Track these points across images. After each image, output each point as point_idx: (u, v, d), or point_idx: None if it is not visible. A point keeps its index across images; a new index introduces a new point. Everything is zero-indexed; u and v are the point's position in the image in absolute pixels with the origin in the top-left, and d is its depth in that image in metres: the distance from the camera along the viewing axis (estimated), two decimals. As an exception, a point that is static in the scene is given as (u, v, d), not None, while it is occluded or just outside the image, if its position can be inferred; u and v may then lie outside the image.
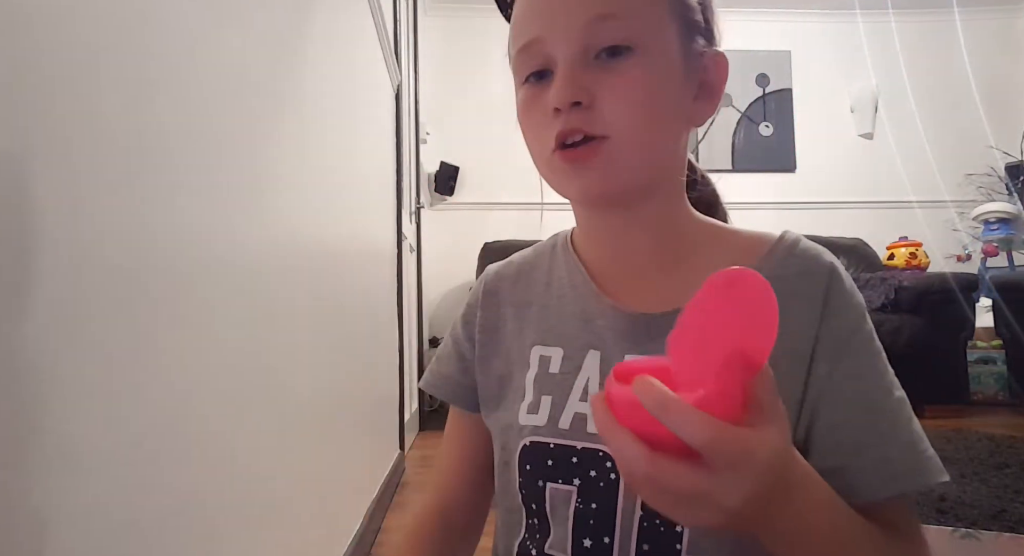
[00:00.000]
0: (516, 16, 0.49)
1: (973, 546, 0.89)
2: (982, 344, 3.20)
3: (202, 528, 0.64)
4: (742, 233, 0.53)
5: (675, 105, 0.48)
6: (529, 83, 0.48)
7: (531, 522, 0.50)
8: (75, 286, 0.45)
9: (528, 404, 0.51)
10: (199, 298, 0.65)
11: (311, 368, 1.12)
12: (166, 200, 0.58)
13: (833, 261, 0.49)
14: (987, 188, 3.84)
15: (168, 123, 0.59)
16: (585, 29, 0.44)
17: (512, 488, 0.51)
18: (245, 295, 0.79)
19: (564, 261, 0.57)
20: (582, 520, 0.47)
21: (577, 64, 0.45)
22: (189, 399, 0.62)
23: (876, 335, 0.48)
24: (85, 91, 0.46)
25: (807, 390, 0.46)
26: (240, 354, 0.77)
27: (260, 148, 0.87)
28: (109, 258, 0.49)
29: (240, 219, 0.78)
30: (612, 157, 0.45)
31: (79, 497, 0.45)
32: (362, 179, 1.72)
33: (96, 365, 0.47)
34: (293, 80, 1.06)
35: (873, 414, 0.45)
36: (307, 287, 1.10)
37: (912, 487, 0.44)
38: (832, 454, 0.45)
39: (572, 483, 0.47)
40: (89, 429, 0.46)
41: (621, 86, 0.44)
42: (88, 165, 0.47)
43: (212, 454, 0.67)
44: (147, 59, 0.56)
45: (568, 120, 0.45)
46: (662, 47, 0.46)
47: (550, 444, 0.49)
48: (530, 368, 0.52)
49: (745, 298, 0.32)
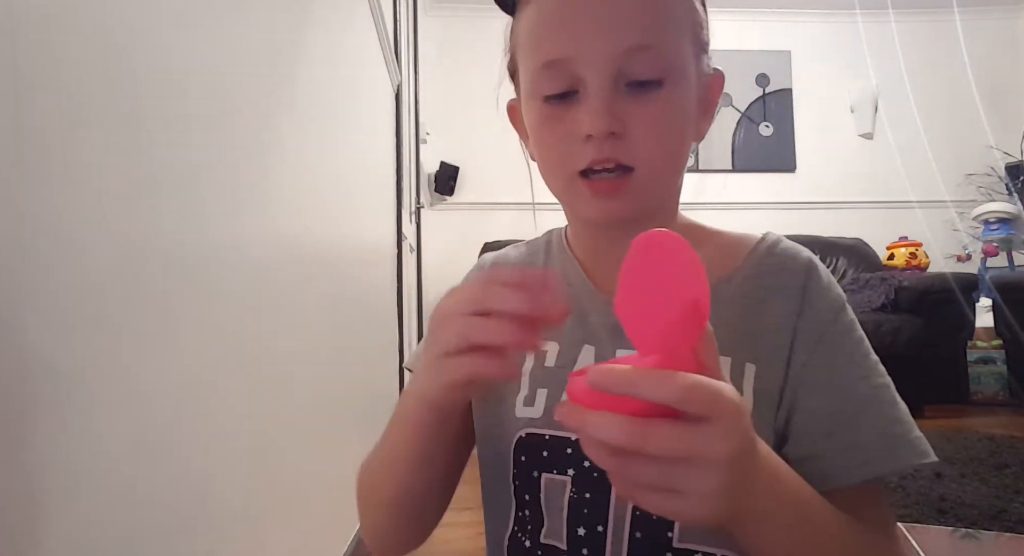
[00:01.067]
0: (539, 26, 0.47)
1: (973, 546, 0.89)
2: (982, 344, 3.20)
3: (202, 528, 0.64)
4: (726, 234, 0.55)
5: (690, 130, 0.49)
6: (551, 102, 0.47)
7: (521, 514, 0.51)
8: (75, 287, 0.45)
9: (524, 397, 0.51)
10: (199, 298, 0.65)
11: (311, 368, 1.12)
12: (166, 200, 0.58)
13: (811, 258, 0.51)
14: (987, 188, 3.84)
15: (168, 123, 0.59)
16: (621, 58, 0.44)
17: (503, 479, 0.52)
18: (244, 295, 0.79)
19: (560, 259, 0.58)
20: (577, 509, 0.48)
21: (612, 92, 0.44)
22: (189, 399, 0.62)
23: (857, 327, 0.49)
24: (85, 90, 0.46)
25: (787, 381, 0.47)
26: (240, 354, 0.77)
27: (259, 148, 0.87)
28: (109, 258, 0.49)
29: (240, 219, 0.78)
30: (636, 189, 0.46)
31: (79, 497, 0.45)
32: (362, 179, 1.72)
33: (96, 365, 0.47)
34: (293, 80, 1.06)
35: (845, 401, 0.46)
36: (307, 287, 1.10)
37: (883, 471, 0.45)
38: (806, 441, 0.46)
39: (567, 474, 0.48)
40: (89, 429, 0.46)
41: (653, 118, 0.45)
42: (87, 165, 0.47)
43: (212, 454, 0.67)
44: (147, 59, 0.56)
45: (602, 149, 0.45)
46: (687, 75, 0.47)
47: (545, 436, 0.49)
48: (526, 361, 0.53)
49: (667, 259, 0.33)
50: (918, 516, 1.56)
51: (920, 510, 1.61)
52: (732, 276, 0.51)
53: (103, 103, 0.49)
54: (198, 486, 0.64)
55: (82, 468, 0.45)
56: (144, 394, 0.54)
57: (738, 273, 0.51)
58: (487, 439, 0.54)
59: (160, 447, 0.56)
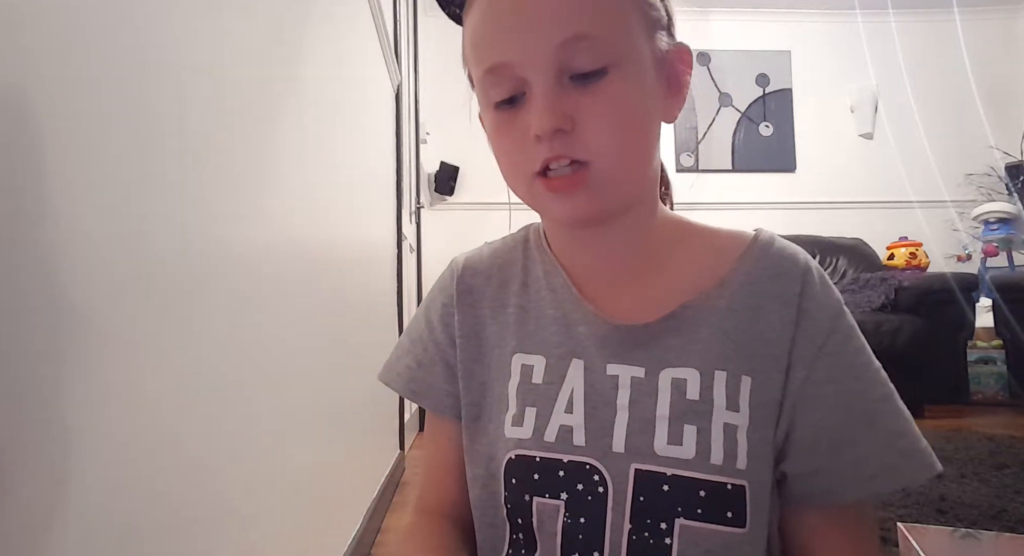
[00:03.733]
0: (476, 32, 0.46)
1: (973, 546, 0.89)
2: (982, 344, 3.20)
3: (202, 528, 0.64)
4: (716, 233, 0.53)
5: (652, 113, 0.46)
6: (500, 108, 0.46)
7: (515, 537, 0.49)
8: (74, 287, 0.45)
9: (512, 416, 0.49)
10: (198, 298, 0.65)
11: (311, 368, 1.12)
12: (165, 201, 0.58)
13: (807, 260, 0.49)
14: (987, 188, 3.84)
15: (167, 123, 0.59)
16: (558, 52, 0.42)
17: (496, 501, 0.50)
18: (244, 295, 0.79)
19: (540, 260, 0.55)
20: (571, 535, 0.46)
21: (554, 89, 0.43)
22: (188, 398, 0.62)
23: (857, 333, 0.48)
24: (84, 90, 0.46)
25: (786, 395, 0.46)
26: (239, 354, 0.77)
27: (259, 148, 0.87)
28: (108, 258, 0.49)
29: (239, 219, 0.78)
30: (596, 183, 0.44)
31: (78, 497, 0.45)
32: (362, 179, 1.72)
33: (95, 365, 0.47)
34: (293, 80, 1.06)
35: (848, 415, 0.45)
36: (307, 287, 1.10)
37: (889, 487, 0.45)
38: (808, 457, 0.46)
39: (559, 497, 0.46)
40: (88, 429, 0.46)
41: (601, 108, 0.43)
42: (87, 165, 0.47)
43: (212, 454, 0.67)
44: (147, 59, 0.56)
45: (552, 147, 0.43)
46: (636, 58, 0.44)
47: (536, 458, 0.47)
48: (512, 377, 0.51)
49: None
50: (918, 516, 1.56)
51: (920, 510, 1.61)
52: (726, 281, 0.49)
53: (102, 103, 0.49)
54: (198, 485, 0.64)
55: (80, 468, 0.45)
56: (144, 394, 0.54)
57: (732, 278, 0.49)
58: (478, 460, 0.52)
59: (160, 447, 0.56)
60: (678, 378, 0.46)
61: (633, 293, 0.51)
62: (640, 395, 0.47)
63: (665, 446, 0.45)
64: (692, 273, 0.50)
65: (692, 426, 0.45)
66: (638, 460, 0.45)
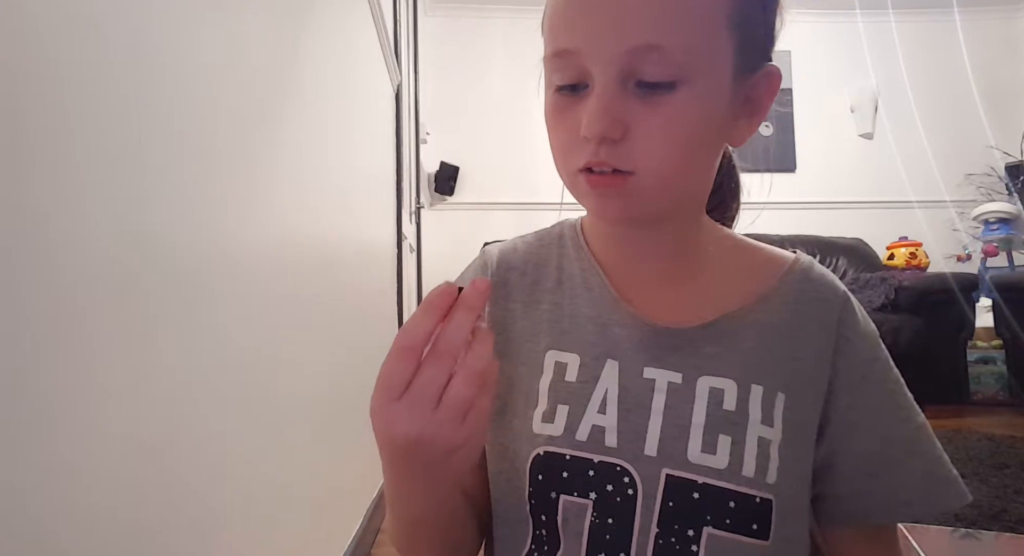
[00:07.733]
0: (555, 14, 0.44)
1: (973, 546, 0.89)
2: (982, 344, 3.20)
3: (202, 528, 0.64)
4: (759, 250, 0.54)
5: (715, 137, 0.45)
6: (560, 93, 0.44)
7: (539, 533, 0.48)
8: (74, 286, 0.45)
9: (543, 412, 0.49)
10: (198, 298, 0.65)
11: (311, 368, 1.12)
12: (165, 201, 0.58)
13: (846, 291, 0.51)
14: (987, 188, 3.84)
15: (167, 123, 0.59)
16: (627, 56, 0.40)
17: (519, 497, 0.49)
18: (244, 295, 0.79)
19: (576, 257, 0.55)
20: (598, 535, 0.46)
21: (614, 92, 0.41)
22: (188, 399, 0.62)
23: (892, 363, 0.50)
24: (83, 90, 0.46)
25: (827, 419, 0.48)
26: (239, 354, 0.77)
27: (259, 148, 0.87)
28: (108, 258, 0.49)
29: (239, 219, 0.78)
30: (634, 192, 0.43)
31: (78, 497, 0.45)
32: (362, 179, 1.72)
33: (95, 365, 0.47)
34: (293, 80, 1.06)
35: (889, 443, 0.48)
36: (307, 287, 1.10)
37: (924, 512, 0.47)
38: (852, 480, 0.48)
39: (588, 497, 0.46)
40: (88, 429, 0.46)
41: (658, 124, 0.41)
42: (86, 164, 0.47)
43: (211, 454, 0.67)
44: (146, 59, 0.56)
45: (597, 153, 0.42)
46: (713, 77, 0.42)
47: (566, 456, 0.47)
48: (544, 374, 0.50)
49: None
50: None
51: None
52: (768, 298, 0.50)
53: (101, 102, 0.49)
54: (198, 486, 0.64)
55: (80, 468, 0.45)
56: (143, 394, 0.54)
57: (774, 296, 0.50)
58: (502, 454, 0.51)
59: (159, 447, 0.56)
60: (716, 387, 0.47)
61: (670, 298, 0.51)
62: (676, 401, 0.47)
63: (699, 454, 0.45)
64: (731, 286, 0.51)
65: (727, 436, 0.45)
66: (670, 466, 0.45)
